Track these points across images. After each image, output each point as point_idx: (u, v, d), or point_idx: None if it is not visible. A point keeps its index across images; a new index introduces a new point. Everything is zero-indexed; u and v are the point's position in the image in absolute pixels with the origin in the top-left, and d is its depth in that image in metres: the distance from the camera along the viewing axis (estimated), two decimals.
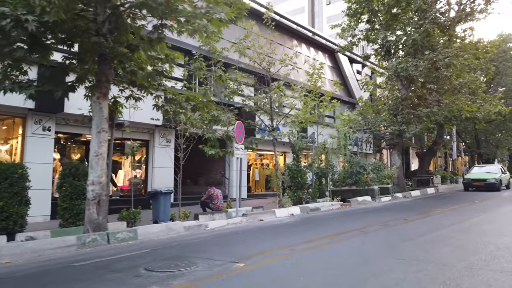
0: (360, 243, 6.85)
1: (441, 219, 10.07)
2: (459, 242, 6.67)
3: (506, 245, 6.24)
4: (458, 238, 6.99)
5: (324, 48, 27.15)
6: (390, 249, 6.24)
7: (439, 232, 7.78)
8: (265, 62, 13.45)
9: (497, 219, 9.93)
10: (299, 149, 16.28)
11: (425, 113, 16.91)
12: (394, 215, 11.01)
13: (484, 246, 6.16)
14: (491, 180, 20.49)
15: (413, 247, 6.32)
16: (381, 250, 6.17)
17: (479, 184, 20.80)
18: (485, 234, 7.45)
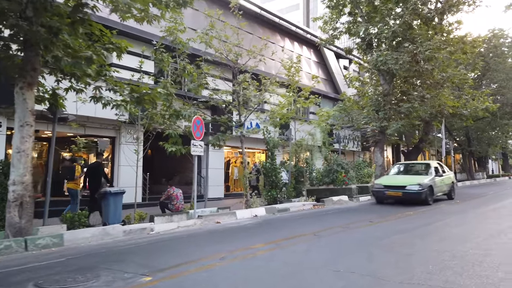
0: (304, 250, 6.12)
1: (409, 221, 9.36)
2: (412, 249, 5.95)
3: (463, 252, 5.52)
4: (414, 244, 6.27)
5: (309, 43, 26.36)
6: (332, 257, 5.50)
7: (397, 236, 7.06)
8: (232, 53, 12.66)
9: (469, 221, 9.21)
10: (273, 146, 15.59)
11: (406, 108, 16.17)
12: (362, 217, 10.30)
13: (438, 255, 5.44)
14: (413, 188, 12.87)
15: (358, 255, 5.60)
16: (321, 259, 5.44)
17: (394, 193, 13.40)
18: (448, 239, 6.73)
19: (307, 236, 7.24)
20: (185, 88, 12.68)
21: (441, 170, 15.05)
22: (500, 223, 8.59)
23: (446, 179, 14.99)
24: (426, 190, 12.81)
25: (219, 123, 12.91)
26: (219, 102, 12.73)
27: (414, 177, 14.05)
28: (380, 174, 18.86)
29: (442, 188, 14.53)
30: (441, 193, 14.49)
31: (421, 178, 13.42)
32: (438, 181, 14.08)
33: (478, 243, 6.24)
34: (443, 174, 14.93)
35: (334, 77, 27.65)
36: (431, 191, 13.19)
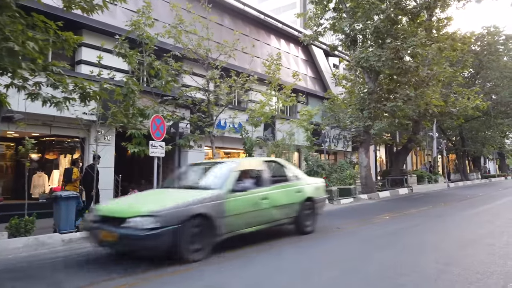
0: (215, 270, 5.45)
1: (381, 226, 8.71)
2: (363, 263, 5.29)
3: (424, 265, 4.87)
4: (367, 257, 5.61)
5: (297, 40, 25.63)
6: None
7: (355, 247, 6.40)
8: (202, 48, 11.98)
9: (446, 227, 8.55)
10: (250, 146, 14.97)
11: (390, 107, 15.50)
12: (333, 222, 9.64)
13: (391, 270, 4.79)
14: (135, 225, 5.24)
15: (292, 275, 4.94)
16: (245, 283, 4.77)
17: (109, 236, 5.47)
18: (413, 249, 6.08)
19: None
20: (154, 85, 11.98)
21: (278, 176, 7.69)
22: (475, 230, 7.95)
23: (283, 194, 7.20)
24: (173, 229, 5.25)
25: (190, 122, 12.24)
26: (188, 100, 12.06)
27: (171, 195, 6.55)
28: (365, 176, 18.23)
29: (268, 213, 6.81)
30: (267, 224, 6.88)
31: (182, 198, 5.90)
32: (247, 201, 6.49)
33: (444, 254, 5.60)
34: (297, 183, 7.69)
35: (323, 76, 26.97)
36: (204, 229, 5.69)
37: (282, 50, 24.51)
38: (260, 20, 22.97)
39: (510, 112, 31.21)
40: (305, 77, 26.08)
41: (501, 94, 29.07)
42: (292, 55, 25.58)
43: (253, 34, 22.63)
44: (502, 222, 8.92)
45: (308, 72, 26.58)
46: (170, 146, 11.81)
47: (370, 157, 33.11)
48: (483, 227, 8.28)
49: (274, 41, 24.23)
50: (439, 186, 24.60)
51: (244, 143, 15.03)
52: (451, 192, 20.32)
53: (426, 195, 18.74)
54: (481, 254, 5.71)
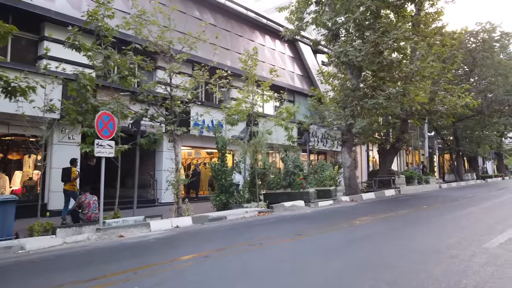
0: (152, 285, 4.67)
1: (345, 232, 7.92)
2: (302, 278, 4.51)
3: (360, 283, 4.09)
4: (308, 269, 4.82)
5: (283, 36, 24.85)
6: None
7: (307, 258, 5.61)
8: (163, 41, 11.17)
9: (412, 235, 7.75)
10: (223, 145, 14.20)
11: (371, 104, 14.70)
12: (300, 226, 8.91)
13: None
14: None
15: None
16: None
17: None
18: (362, 262, 5.29)
19: (197, 257, 5.83)
20: (112, 80, 11.18)
21: None
22: (445, 238, 7.15)
23: None
24: None
25: (151, 120, 11.43)
26: (148, 96, 11.27)
27: None
28: (348, 177, 17.44)
29: None
30: None
31: None
32: None
33: (395, 270, 4.82)
34: None
35: (311, 73, 26.16)
36: None
37: (267, 47, 23.77)
38: (243, 15, 22.19)
39: (505, 111, 30.34)
40: (292, 75, 25.30)
41: (495, 92, 28.19)
42: (278, 52, 24.80)
43: (235, 30, 21.86)
44: (477, 229, 8.14)
45: (295, 70, 25.80)
46: (130, 145, 11.08)
47: (362, 156, 32.39)
48: (454, 235, 7.49)
49: (258, 38, 23.45)
50: (429, 187, 23.78)
51: (216, 142, 14.26)
52: (440, 194, 19.51)
53: (413, 196, 17.94)
54: (437, 269, 4.93)
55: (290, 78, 24.98)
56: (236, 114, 15.15)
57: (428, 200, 15.84)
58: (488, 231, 7.76)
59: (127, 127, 12.05)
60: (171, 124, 11.21)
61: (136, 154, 11.57)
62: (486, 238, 7.05)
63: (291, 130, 16.81)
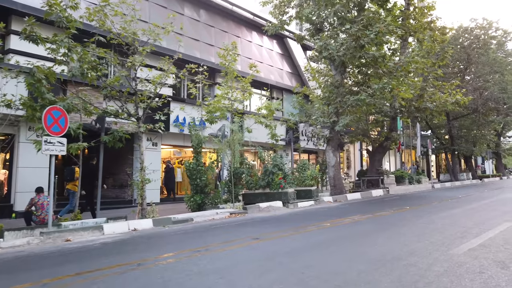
0: None
1: (306, 237, 7.33)
2: None
3: None
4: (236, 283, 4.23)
5: None
6: None
7: (248, 266, 5.03)
8: (127, 32, 10.59)
9: (372, 242, 7.16)
10: (198, 143, 13.65)
11: (353, 101, 14.09)
12: (264, 230, 8.31)
13: None
14: None
15: None
16: None
17: None
18: (309, 272, 4.70)
19: (127, 266, 5.25)
20: (72, 74, 10.60)
21: None
22: (411, 244, 6.55)
23: None
24: None
25: (112, 116, 10.84)
26: (112, 92, 10.68)
27: None
28: (333, 176, 16.85)
29: None
30: None
31: None
32: None
33: (324, 283, 4.24)
34: None
35: (300, 70, 25.56)
36: None
37: (254, 43, 23.18)
38: (228, 10, 21.61)
39: (500, 109, 29.67)
40: (281, 72, 24.71)
41: (490, 89, 27.53)
42: (266, 49, 24.20)
43: (220, 25, 21.28)
44: (451, 232, 7.53)
45: (284, 67, 25.21)
46: (92, 143, 10.53)
47: (355, 156, 31.74)
48: (424, 239, 6.89)
49: (245, 34, 22.86)
50: (421, 187, 23.16)
51: (191, 140, 13.73)
52: (430, 194, 18.87)
53: (401, 197, 17.32)
54: (385, 280, 4.34)
55: (279, 76, 24.38)
56: (215, 112, 14.62)
57: (414, 201, 15.24)
58: (462, 235, 7.18)
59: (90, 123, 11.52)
60: (134, 121, 10.63)
61: (100, 152, 11.00)
62: (457, 242, 6.46)
63: (274, 128, 16.26)
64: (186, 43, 19.31)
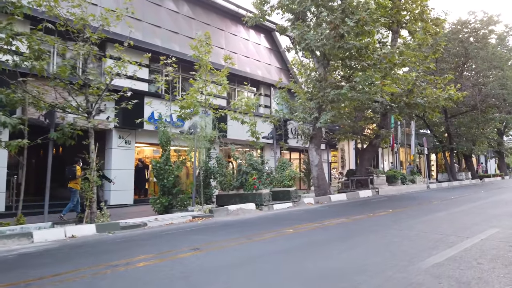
0: None
1: (243, 250, 6.36)
2: None
3: None
4: None
5: (258, 26, 23.23)
6: None
7: None
8: (77, 18, 9.61)
9: (327, 255, 6.18)
10: (167, 141, 12.72)
11: (333, 95, 13.07)
12: (215, 237, 7.34)
13: None
14: None
15: None
16: None
17: None
18: None
19: (14, 286, 4.31)
20: (15, 64, 9.65)
21: None
22: (370, 256, 5.58)
23: None
24: None
25: (63, 110, 9.90)
26: (60, 83, 9.74)
27: None
28: (317, 176, 15.84)
29: None
30: None
31: None
32: None
33: None
34: None
35: (290, 66, 24.53)
36: None
37: (240, 37, 22.22)
38: (210, 2, 20.64)
39: (500, 106, 28.46)
40: (269, 67, 23.72)
41: (489, 86, 26.33)
42: (253, 43, 23.22)
43: (201, 18, 20.31)
44: (423, 242, 6.53)
45: (272, 62, 24.21)
46: (39, 140, 9.61)
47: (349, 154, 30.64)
48: (388, 251, 5.90)
49: (229, 26, 21.87)
50: (415, 187, 22.07)
51: (158, 137, 12.80)
52: (422, 195, 17.80)
53: (389, 198, 16.28)
54: None
55: (266, 71, 23.40)
56: (188, 107, 13.68)
57: (401, 203, 14.21)
58: (435, 245, 6.18)
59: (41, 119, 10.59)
60: (83, 116, 9.68)
61: (49, 151, 10.06)
62: (424, 255, 5.47)
63: (254, 125, 15.30)
64: (165, 35, 18.38)
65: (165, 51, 16.97)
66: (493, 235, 6.96)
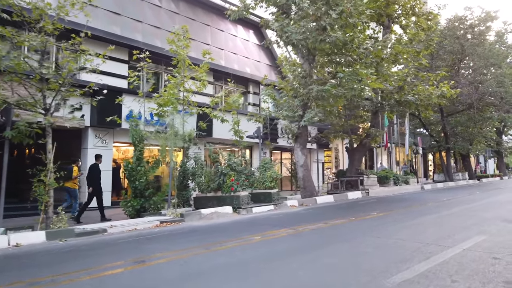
0: None
1: (187, 263, 5.65)
2: None
3: None
4: None
5: (246, 22, 22.53)
6: None
7: None
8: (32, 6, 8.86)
9: (286, 273, 5.46)
10: (140, 140, 12.02)
11: (317, 91, 12.34)
12: (172, 247, 6.62)
13: None
14: None
15: None
16: None
17: None
18: None
19: None
20: None
21: None
22: (324, 273, 4.86)
23: None
24: None
25: (18, 107, 9.16)
26: (14, 78, 9.00)
27: None
28: (303, 177, 15.11)
29: None
30: None
31: None
32: None
33: None
34: None
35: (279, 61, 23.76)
36: None
37: (227, 33, 21.50)
38: None
39: (498, 104, 27.68)
40: (258, 65, 22.99)
41: (486, 83, 25.55)
42: (241, 39, 22.49)
43: (185, 13, 19.59)
44: (399, 252, 5.82)
45: (262, 59, 23.49)
46: None
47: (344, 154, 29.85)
48: (352, 265, 5.21)
49: (215, 22, 21.14)
50: (408, 188, 21.32)
51: (130, 135, 12.09)
52: (414, 197, 17.08)
53: (378, 200, 15.54)
54: None
55: (256, 68, 22.68)
56: (165, 105, 12.96)
57: (389, 205, 13.49)
58: (410, 256, 5.48)
59: None
60: (41, 113, 8.96)
61: (5, 149, 9.33)
62: (393, 270, 4.76)
63: (238, 124, 14.59)
64: (146, 31, 17.68)
65: (146, 46, 16.25)
66: (477, 244, 6.24)
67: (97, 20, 15.87)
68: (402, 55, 14.17)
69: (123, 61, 16.37)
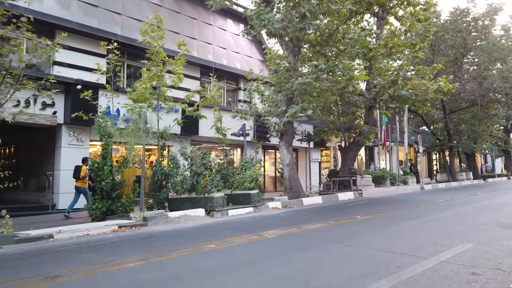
0: None
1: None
2: None
3: None
4: None
5: (236, 15, 21.68)
6: None
7: None
8: None
9: None
10: (108, 137, 11.22)
11: (298, 85, 11.41)
12: (100, 259, 5.77)
13: None
14: None
15: None
16: None
17: None
18: None
19: None
20: None
21: None
22: None
23: None
24: None
25: None
26: None
27: None
28: (289, 177, 14.19)
29: None
30: None
31: None
32: None
33: None
34: None
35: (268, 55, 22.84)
36: None
37: (216, 27, 20.65)
38: None
39: (503, 101, 26.45)
40: (249, 60, 22.11)
41: (489, 79, 24.35)
42: (230, 33, 21.62)
43: (169, 5, 18.76)
44: (364, 266, 4.90)
45: (254, 54, 22.60)
46: None
47: None
48: (304, 281, 4.29)
49: (203, 16, 20.28)
50: (407, 189, 20.27)
51: (97, 132, 11.29)
52: (409, 198, 16.05)
53: (370, 202, 14.56)
54: None
55: (246, 64, 21.79)
56: (139, 101, 12.12)
57: (379, 207, 12.52)
58: (372, 271, 4.57)
59: None
60: None
61: None
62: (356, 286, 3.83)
63: (220, 120, 13.74)
64: (126, 24, 16.90)
65: (124, 39, 15.50)
66: (459, 254, 5.30)
67: (71, 11, 15.15)
68: (397, 48, 13.16)
69: (101, 55, 15.57)
